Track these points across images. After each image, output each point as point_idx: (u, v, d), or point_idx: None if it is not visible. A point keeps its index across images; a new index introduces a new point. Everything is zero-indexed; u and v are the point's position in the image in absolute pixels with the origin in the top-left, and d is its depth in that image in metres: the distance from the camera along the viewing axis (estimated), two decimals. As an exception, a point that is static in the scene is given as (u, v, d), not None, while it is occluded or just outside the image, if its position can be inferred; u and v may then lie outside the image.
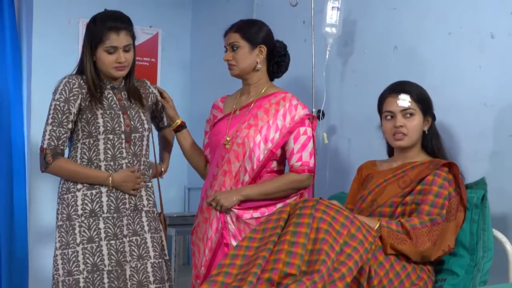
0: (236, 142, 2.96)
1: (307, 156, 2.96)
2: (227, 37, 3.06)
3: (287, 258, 2.20)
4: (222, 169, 2.97)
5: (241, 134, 2.96)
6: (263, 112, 2.99)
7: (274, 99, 3.03)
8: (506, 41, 2.94)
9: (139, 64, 4.65)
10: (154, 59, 4.74)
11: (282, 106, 3.00)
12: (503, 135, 2.93)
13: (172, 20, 4.84)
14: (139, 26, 4.63)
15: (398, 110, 2.74)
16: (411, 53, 3.36)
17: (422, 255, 2.50)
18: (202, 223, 3.00)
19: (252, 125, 2.96)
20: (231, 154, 2.95)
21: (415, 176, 2.67)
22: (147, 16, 4.71)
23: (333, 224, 2.31)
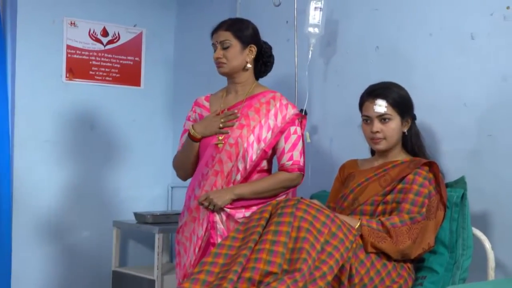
0: (228, 142, 2.92)
1: (297, 155, 2.97)
2: (217, 34, 3.00)
3: (269, 256, 2.20)
4: (213, 169, 2.93)
5: (233, 134, 2.93)
6: (254, 112, 2.97)
7: (263, 98, 3.02)
8: (486, 42, 2.95)
9: (123, 63, 4.64)
10: (138, 58, 4.72)
11: (273, 105, 3.00)
12: (483, 135, 2.94)
13: (156, 20, 4.82)
14: (123, 25, 4.66)
15: (375, 116, 2.74)
16: (392, 54, 3.37)
17: (402, 253, 2.51)
18: (190, 222, 2.96)
19: (244, 125, 2.94)
20: (223, 154, 2.92)
21: (396, 175, 2.67)
22: (131, 15, 4.69)
23: (314, 223, 2.31)
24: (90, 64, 4.52)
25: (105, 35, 4.58)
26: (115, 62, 4.61)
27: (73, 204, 4.43)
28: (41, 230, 4.32)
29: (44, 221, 4.33)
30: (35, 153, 4.30)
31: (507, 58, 2.87)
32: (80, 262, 4.46)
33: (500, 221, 2.85)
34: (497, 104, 2.90)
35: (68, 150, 4.42)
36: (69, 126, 4.43)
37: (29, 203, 4.25)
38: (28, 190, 4.26)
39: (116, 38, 4.62)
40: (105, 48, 4.58)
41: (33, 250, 4.28)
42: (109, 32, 4.59)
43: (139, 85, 4.73)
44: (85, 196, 4.47)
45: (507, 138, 2.86)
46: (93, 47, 4.53)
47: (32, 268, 4.28)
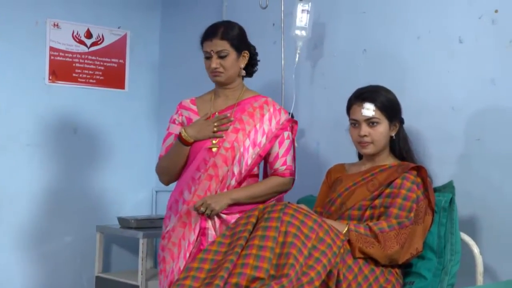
0: (223, 146, 2.91)
1: (290, 160, 3.01)
2: (212, 43, 2.95)
3: (255, 262, 2.19)
4: (206, 173, 2.90)
5: (228, 138, 2.92)
6: (248, 116, 2.97)
7: (256, 103, 3.02)
8: (474, 46, 2.96)
9: (107, 65, 4.62)
10: (122, 61, 4.70)
11: (267, 110, 3.01)
12: (471, 139, 2.95)
13: (141, 21, 4.81)
14: (107, 27, 4.64)
15: (362, 119, 2.74)
16: (380, 57, 3.38)
17: (390, 258, 2.50)
18: (179, 228, 2.91)
19: (239, 129, 2.94)
20: (218, 158, 2.90)
21: (384, 180, 2.67)
22: (115, 17, 4.67)
23: (301, 228, 2.30)
24: (74, 67, 4.50)
25: (89, 37, 4.56)
26: (99, 64, 4.59)
27: (56, 209, 4.40)
28: (22, 235, 4.28)
29: (26, 226, 4.29)
30: (17, 157, 4.28)
31: (495, 61, 2.88)
32: (63, 268, 4.43)
33: (488, 226, 2.85)
34: (485, 107, 2.91)
35: (50, 153, 4.39)
36: (51, 129, 4.40)
37: (11, 208, 4.23)
38: (9, 195, 4.23)
39: (100, 40, 4.61)
40: (89, 50, 4.56)
41: (14, 256, 4.25)
42: (93, 34, 4.58)
43: (123, 87, 4.71)
44: (68, 200, 4.44)
45: (496, 142, 2.86)
46: (76, 49, 4.51)
47: (14, 274, 4.25)
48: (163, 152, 3.07)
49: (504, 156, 2.83)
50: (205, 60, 2.99)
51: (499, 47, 2.87)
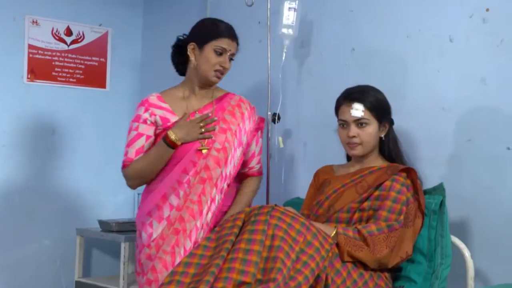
0: (214, 148, 2.88)
1: (260, 159, 3.11)
2: (233, 44, 2.95)
3: (242, 266, 2.17)
4: (198, 176, 2.85)
5: (218, 139, 2.89)
6: (230, 115, 2.96)
7: (232, 101, 3.02)
8: (465, 45, 2.97)
9: (88, 64, 4.60)
10: (104, 59, 4.68)
11: (245, 109, 3.03)
12: (462, 140, 2.96)
13: (123, 19, 4.79)
14: (88, 24, 4.62)
15: (351, 120, 2.74)
16: (368, 56, 3.38)
17: (380, 262, 2.50)
18: (171, 235, 2.83)
19: (226, 129, 2.92)
20: (210, 160, 2.87)
21: (372, 182, 2.67)
22: (96, 14, 4.65)
23: (289, 231, 2.29)
24: (53, 65, 4.47)
25: (69, 35, 4.53)
26: (79, 62, 4.57)
27: (34, 212, 4.37)
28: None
29: (2, 229, 4.27)
30: (-7, 158, 4.25)
31: (487, 61, 2.89)
32: (41, 272, 4.40)
33: (479, 229, 2.86)
34: (476, 108, 2.92)
35: (28, 155, 4.36)
36: (29, 129, 4.37)
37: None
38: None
39: (81, 38, 4.58)
40: (68, 48, 4.53)
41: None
42: (73, 32, 4.55)
43: (105, 87, 4.69)
44: (46, 203, 4.41)
45: (487, 143, 2.87)
46: (56, 47, 4.48)
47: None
48: (133, 155, 2.90)
49: (495, 157, 2.84)
50: (215, 55, 2.90)
51: (490, 46, 2.88)
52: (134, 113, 2.99)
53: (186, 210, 2.85)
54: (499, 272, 2.78)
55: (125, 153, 2.94)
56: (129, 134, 2.95)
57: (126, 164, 2.93)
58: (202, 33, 2.95)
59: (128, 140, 2.94)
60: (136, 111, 2.99)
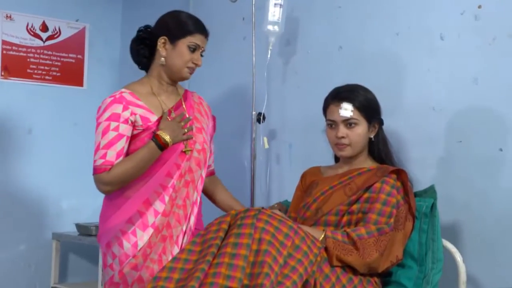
0: (196, 149, 2.85)
1: None
2: (205, 40, 2.89)
3: (228, 271, 2.16)
4: (183, 179, 2.81)
5: (198, 139, 2.87)
6: (200, 114, 2.95)
7: (195, 98, 3.01)
8: (456, 43, 2.98)
9: (64, 61, 4.57)
10: (81, 56, 4.66)
11: (206, 106, 3.04)
12: (452, 141, 2.97)
13: (101, 14, 4.78)
14: (64, 20, 4.59)
15: (340, 120, 2.74)
16: (356, 54, 3.39)
17: (369, 267, 2.50)
18: (158, 243, 2.75)
19: (201, 129, 2.91)
20: (192, 162, 2.84)
21: (362, 184, 2.67)
22: (73, 9, 4.64)
23: (276, 235, 2.28)
24: (28, 62, 4.45)
25: (44, 30, 4.51)
26: (55, 59, 4.55)
27: (8, 215, 4.34)
28: (-29, 243, 4.23)
29: (-25, 234, 4.24)
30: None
31: (478, 59, 2.90)
32: (16, 278, 4.37)
33: (471, 232, 2.87)
34: (467, 108, 2.93)
35: (3, 155, 4.33)
36: (4, 129, 4.35)
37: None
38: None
39: (57, 34, 4.56)
40: (44, 44, 4.51)
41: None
42: (49, 27, 4.53)
43: (82, 85, 4.67)
44: (21, 206, 4.38)
45: (478, 144, 2.89)
46: (31, 43, 4.46)
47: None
48: (113, 158, 2.72)
49: (487, 158, 2.86)
50: (189, 51, 2.83)
51: (482, 45, 2.89)
52: (106, 110, 2.77)
53: (173, 215, 2.79)
54: (492, 277, 2.79)
55: (103, 155, 2.73)
56: (105, 134, 2.74)
57: (105, 168, 2.73)
58: (175, 27, 2.85)
59: (106, 141, 2.73)
60: (109, 108, 2.77)
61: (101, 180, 2.76)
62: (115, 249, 2.77)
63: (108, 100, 2.79)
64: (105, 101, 2.80)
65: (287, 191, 3.51)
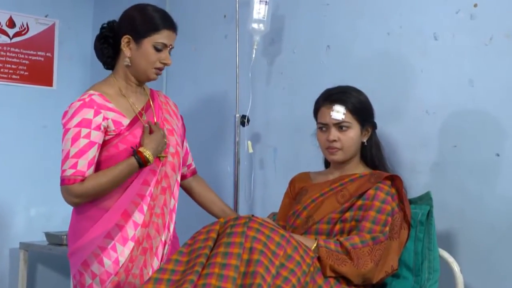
0: (170, 152, 2.85)
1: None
2: (173, 36, 2.82)
3: (218, 282, 2.18)
4: (160, 186, 2.81)
5: (171, 142, 2.87)
6: (169, 115, 2.96)
7: (161, 98, 3.00)
8: (451, 43, 3.01)
9: (32, 59, 4.56)
10: (50, 54, 4.66)
11: (172, 105, 3.05)
12: (447, 146, 3.00)
13: (71, 10, 4.78)
14: (32, 15, 4.58)
15: (332, 123, 2.77)
16: (345, 54, 3.42)
17: (364, 277, 2.53)
18: (139, 256, 2.74)
19: (172, 130, 2.91)
20: (168, 167, 2.84)
21: (355, 190, 2.70)
22: (42, 4, 4.64)
23: (268, 244, 2.30)
24: (-6, 60, 4.44)
25: (11, 26, 4.51)
26: (23, 57, 4.54)
27: (-29, 224, 4.33)
28: None
29: None
30: None
31: (474, 60, 2.94)
32: (-21, 291, 4.36)
33: (466, 241, 2.91)
34: (462, 111, 2.97)
35: (-34, 159, 4.32)
36: (-33, 132, 4.33)
37: None
38: None
39: (25, 30, 4.56)
40: (11, 41, 4.51)
41: None
42: (16, 23, 4.53)
43: (51, 84, 4.67)
44: (-15, 213, 4.37)
45: (474, 149, 2.92)
46: (-3, 40, 4.45)
47: None
48: (85, 168, 2.66)
49: (483, 164, 2.89)
50: (155, 51, 2.78)
51: (478, 45, 2.93)
52: (75, 115, 2.70)
53: (152, 225, 2.77)
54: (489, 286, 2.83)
55: (73, 164, 2.65)
56: (75, 141, 2.66)
57: (76, 179, 2.65)
58: (137, 25, 2.78)
59: (76, 149, 2.66)
60: (78, 113, 2.70)
61: (71, 192, 2.68)
62: (94, 268, 2.71)
63: (77, 104, 2.72)
64: (73, 105, 2.73)
65: (272, 198, 3.55)
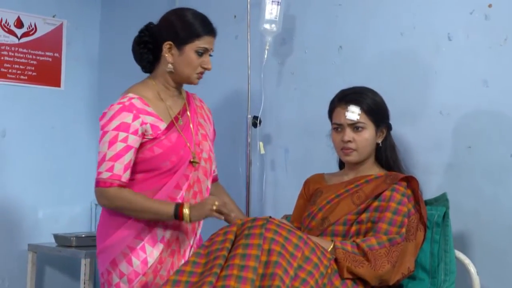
0: (203, 158, 2.87)
1: None
2: (213, 40, 2.85)
3: (237, 284, 2.19)
4: (192, 190, 2.83)
5: (204, 147, 2.89)
6: (203, 119, 2.97)
7: (196, 102, 3.01)
8: (465, 43, 3.02)
9: (40, 60, 4.57)
10: (58, 54, 4.66)
11: (206, 109, 3.05)
12: (461, 147, 3.01)
13: (79, 10, 4.78)
14: (40, 16, 4.59)
15: (347, 123, 2.78)
16: (357, 54, 3.42)
17: (381, 279, 2.53)
18: (168, 258, 2.78)
19: (205, 136, 2.93)
20: (200, 172, 2.86)
21: (370, 192, 2.71)
22: (50, 4, 4.65)
23: (286, 245, 2.31)
24: (2, 60, 4.45)
25: (19, 26, 4.51)
26: (31, 58, 4.55)
27: (-21, 225, 4.33)
28: None
29: None
30: None
31: (488, 61, 2.95)
32: (-13, 293, 4.36)
33: (481, 242, 2.92)
34: (477, 112, 2.98)
35: (-27, 160, 4.33)
36: (-26, 133, 4.35)
37: None
38: None
39: (33, 30, 4.56)
40: (19, 41, 4.51)
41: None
42: (24, 23, 4.53)
43: (59, 85, 4.68)
44: (-6, 215, 4.38)
45: (489, 150, 2.93)
46: (5, 40, 4.45)
47: None
48: (121, 172, 2.67)
49: (497, 165, 2.91)
50: (197, 56, 2.80)
51: (492, 45, 2.94)
52: (114, 118, 2.72)
53: (182, 229, 2.81)
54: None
55: (109, 168, 2.66)
56: (112, 145, 2.68)
57: (112, 183, 2.67)
58: (178, 31, 2.79)
59: (113, 152, 2.67)
60: (117, 116, 2.72)
61: (105, 195, 2.69)
62: (122, 267, 2.74)
63: (117, 107, 2.75)
64: (112, 108, 2.76)
65: (283, 199, 3.56)
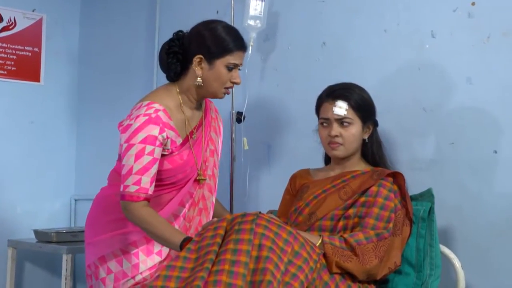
0: (208, 174, 2.88)
1: None
2: (243, 56, 2.81)
3: (229, 279, 2.20)
4: (197, 207, 2.85)
5: (209, 164, 2.90)
6: (215, 133, 2.96)
7: (212, 113, 2.98)
8: (448, 41, 3.06)
9: (20, 54, 4.55)
10: (38, 49, 4.64)
11: (220, 121, 3.02)
12: (444, 143, 3.05)
13: (59, 4, 4.76)
14: (20, 10, 4.57)
15: (334, 118, 2.81)
16: (341, 51, 3.45)
17: (369, 273, 2.57)
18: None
19: (213, 151, 2.93)
20: (205, 188, 2.88)
21: (357, 187, 2.74)
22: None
23: (276, 240, 2.33)
24: (-20, 55, 4.43)
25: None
26: (10, 52, 4.52)
27: (-42, 221, 4.31)
28: None
29: None
30: None
31: (472, 58, 2.98)
32: (-34, 289, 4.34)
33: (464, 237, 2.96)
34: (460, 108, 3.02)
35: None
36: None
37: None
38: None
39: (12, 25, 4.54)
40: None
41: None
42: (4, 17, 4.51)
43: (39, 80, 4.65)
44: (-28, 211, 4.36)
45: (472, 146, 2.97)
46: (-17, 35, 4.44)
47: None
48: (148, 185, 2.61)
49: (481, 161, 2.94)
50: (227, 71, 2.75)
51: (475, 43, 2.98)
52: (140, 130, 2.63)
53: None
54: (487, 282, 2.89)
55: (137, 181, 2.60)
56: (139, 158, 2.61)
57: (139, 196, 2.61)
58: (210, 46, 2.73)
59: (140, 166, 2.61)
60: (144, 128, 2.64)
61: (131, 210, 2.62)
62: (111, 265, 2.76)
63: (143, 119, 2.65)
64: (138, 119, 2.66)
65: (266, 195, 3.58)
